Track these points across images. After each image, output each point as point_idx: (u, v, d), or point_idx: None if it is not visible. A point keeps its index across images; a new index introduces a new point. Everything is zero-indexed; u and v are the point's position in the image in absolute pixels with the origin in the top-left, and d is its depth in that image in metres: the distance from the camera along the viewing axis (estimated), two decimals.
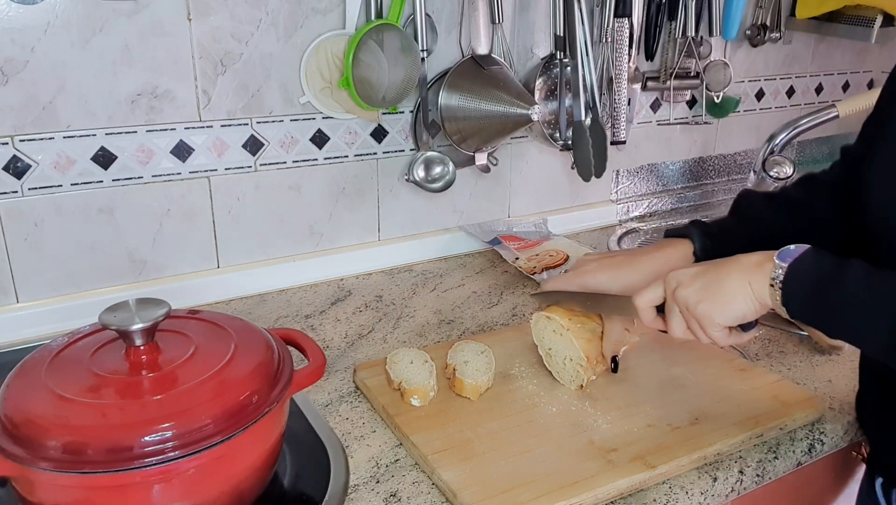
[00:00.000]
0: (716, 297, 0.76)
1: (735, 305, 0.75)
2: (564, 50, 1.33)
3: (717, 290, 0.76)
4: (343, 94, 1.19)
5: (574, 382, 0.92)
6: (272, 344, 0.74)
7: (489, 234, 1.41)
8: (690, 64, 1.58)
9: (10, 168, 1.02)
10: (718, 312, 0.76)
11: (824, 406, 0.92)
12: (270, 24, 1.13)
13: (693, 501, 0.79)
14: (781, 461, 0.86)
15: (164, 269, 1.16)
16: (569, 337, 0.90)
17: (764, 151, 1.52)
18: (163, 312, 0.69)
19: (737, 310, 0.75)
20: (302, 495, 0.76)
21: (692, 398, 0.91)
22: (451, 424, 0.85)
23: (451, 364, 0.93)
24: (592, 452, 0.81)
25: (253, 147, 1.18)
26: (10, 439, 0.61)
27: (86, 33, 1.01)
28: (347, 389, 0.96)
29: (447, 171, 1.30)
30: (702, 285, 0.77)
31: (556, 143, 1.40)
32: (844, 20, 1.66)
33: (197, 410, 0.63)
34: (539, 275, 1.29)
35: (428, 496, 0.77)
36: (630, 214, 1.64)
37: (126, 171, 1.09)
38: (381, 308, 1.20)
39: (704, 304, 0.76)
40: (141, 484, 0.62)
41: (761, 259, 0.74)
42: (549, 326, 0.93)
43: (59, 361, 0.69)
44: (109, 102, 1.05)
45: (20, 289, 1.07)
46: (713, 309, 0.76)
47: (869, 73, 1.97)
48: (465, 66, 1.27)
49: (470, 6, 1.27)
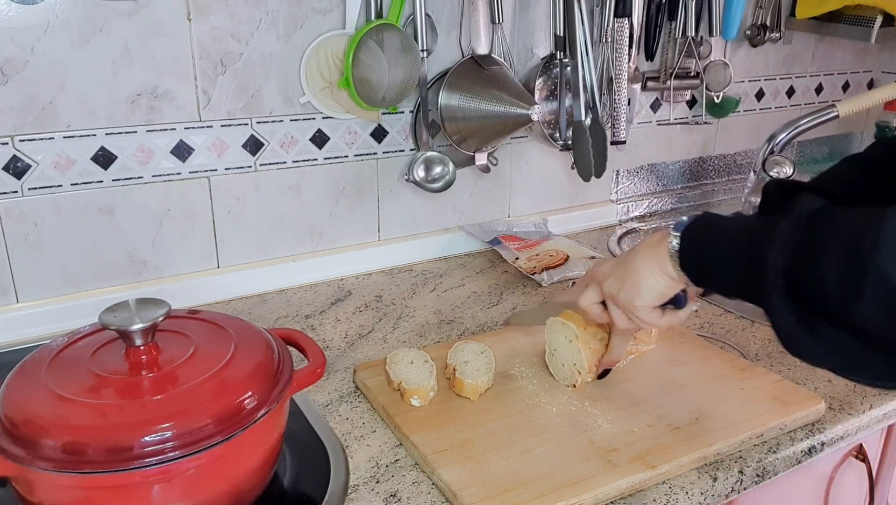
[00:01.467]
0: (630, 282, 0.79)
1: (647, 285, 0.77)
2: (564, 50, 1.33)
3: (629, 275, 0.79)
4: (343, 94, 1.19)
5: (568, 380, 0.93)
6: (272, 344, 0.74)
7: (489, 234, 1.41)
8: (690, 64, 1.58)
9: (10, 168, 1.02)
10: (636, 296, 0.79)
11: (824, 406, 0.92)
12: (270, 24, 1.13)
13: (693, 501, 0.79)
14: (781, 461, 0.86)
15: (164, 269, 1.16)
16: (577, 346, 0.91)
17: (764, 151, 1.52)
18: (163, 312, 0.69)
19: (650, 289, 0.77)
20: (302, 495, 0.76)
21: (692, 398, 0.91)
22: (451, 424, 0.85)
23: (451, 364, 0.93)
24: (592, 452, 0.81)
25: (253, 147, 1.18)
26: (10, 439, 0.61)
27: (86, 33, 1.01)
28: (347, 389, 0.96)
29: (447, 171, 1.30)
30: (618, 274, 0.81)
31: (556, 143, 1.40)
32: (844, 20, 1.66)
33: (197, 410, 0.63)
34: (539, 275, 1.29)
35: (428, 496, 0.77)
36: (630, 214, 1.64)
37: (126, 171, 1.10)
38: (381, 308, 1.20)
39: (623, 291, 0.80)
40: (141, 484, 0.62)
41: (662, 235, 0.76)
42: (563, 331, 0.94)
43: (59, 361, 0.69)
44: (109, 102, 1.05)
45: (20, 289, 1.07)
46: (630, 294, 0.79)
47: (869, 73, 1.98)
48: (465, 66, 1.27)
49: (470, 6, 1.27)
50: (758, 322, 1.14)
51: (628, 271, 0.79)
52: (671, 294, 0.79)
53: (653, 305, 0.79)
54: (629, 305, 0.80)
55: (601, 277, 0.84)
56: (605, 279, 0.83)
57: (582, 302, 0.87)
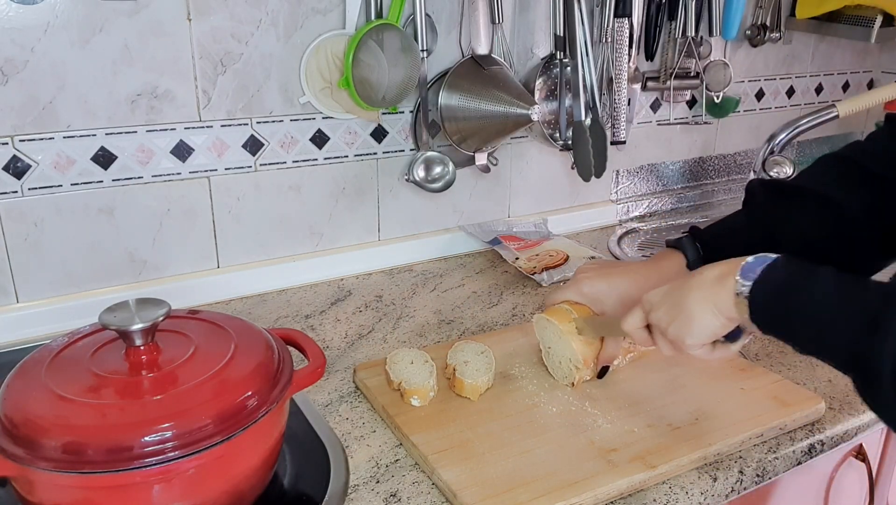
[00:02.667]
0: (682, 318, 0.75)
1: (701, 325, 0.74)
2: (564, 50, 1.33)
3: (681, 310, 0.75)
4: (343, 94, 1.19)
5: (567, 379, 0.93)
6: (272, 344, 0.74)
7: (489, 234, 1.41)
8: (690, 64, 1.58)
9: (10, 168, 1.02)
10: (687, 333, 0.75)
11: (824, 406, 0.92)
12: (270, 24, 1.13)
13: (693, 501, 0.79)
14: (781, 461, 0.86)
15: (164, 269, 1.16)
16: (567, 340, 0.90)
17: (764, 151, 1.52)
18: (163, 312, 0.69)
19: (704, 329, 0.74)
20: (302, 495, 0.76)
21: (692, 398, 0.91)
22: (451, 425, 0.85)
23: (451, 364, 0.93)
24: (592, 452, 0.81)
25: (253, 147, 1.18)
26: (10, 439, 0.61)
27: (86, 33, 1.01)
28: (347, 389, 0.96)
29: (447, 171, 1.30)
30: (669, 307, 0.77)
31: (556, 143, 1.40)
32: (844, 20, 1.66)
33: (197, 410, 0.63)
34: (539, 275, 1.29)
35: (428, 496, 0.77)
36: (630, 214, 1.64)
37: (126, 171, 1.10)
38: (381, 308, 1.20)
39: (673, 325, 0.76)
40: (141, 484, 0.62)
41: (722, 273, 0.72)
42: (549, 327, 0.94)
43: (59, 361, 0.69)
44: (109, 102, 1.05)
45: (20, 289, 1.07)
46: (682, 330, 0.75)
47: (869, 73, 1.98)
48: (465, 66, 1.27)
49: (470, 6, 1.27)
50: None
51: (681, 308, 0.75)
52: (724, 333, 0.75)
53: (704, 344, 0.76)
54: (678, 340, 0.76)
55: (648, 305, 0.80)
56: (652, 309, 0.79)
57: (626, 326, 0.83)
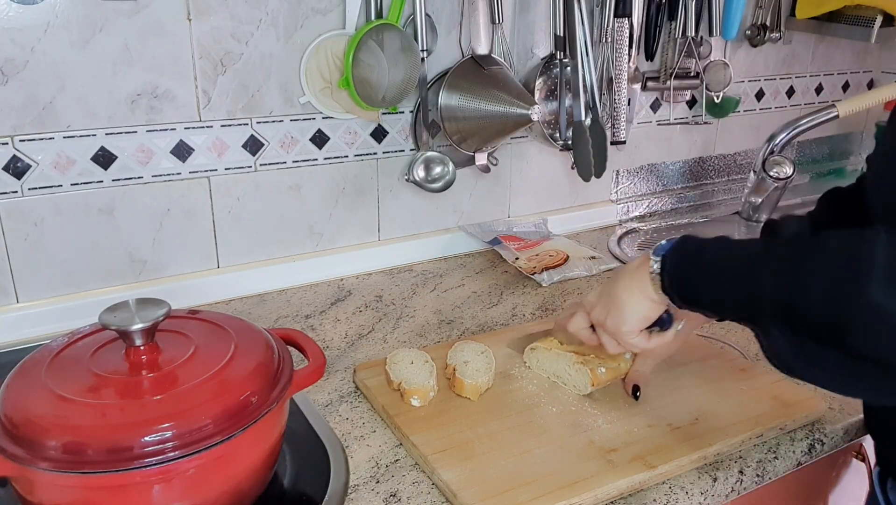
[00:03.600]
0: (615, 308, 0.82)
1: (630, 310, 0.80)
2: (564, 50, 1.33)
3: (612, 301, 0.82)
4: (343, 94, 1.19)
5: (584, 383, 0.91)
6: (272, 344, 0.74)
7: (489, 234, 1.41)
8: (690, 64, 1.58)
9: (10, 168, 1.02)
10: (621, 321, 0.81)
11: (824, 406, 0.92)
12: (270, 24, 1.13)
13: (693, 501, 0.79)
14: (781, 461, 0.86)
15: (164, 269, 1.16)
16: (555, 352, 0.94)
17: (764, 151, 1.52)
18: (163, 312, 0.69)
19: (634, 313, 0.80)
20: (302, 495, 0.76)
21: (692, 398, 0.91)
22: (451, 425, 0.85)
23: (451, 364, 0.93)
24: (592, 452, 0.81)
25: (253, 147, 1.18)
26: (10, 439, 0.61)
27: (86, 33, 1.01)
28: (347, 389, 0.96)
29: (447, 171, 1.30)
30: (604, 302, 0.84)
31: (556, 143, 1.40)
32: (844, 20, 1.66)
33: (197, 410, 0.63)
34: (539, 275, 1.29)
35: (428, 496, 0.77)
36: (630, 214, 1.64)
37: (126, 171, 1.10)
38: (381, 308, 1.20)
39: (609, 318, 0.83)
40: (141, 484, 0.62)
41: (642, 259, 0.79)
42: (535, 355, 0.97)
43: (59, 361, 0.69)
44: (109, 102, 1.05)
45: (20, 289, 1.07)
46: (616, 320, 0.82)
47: (869, 73, 1.98)
48: (465, 66, 1.27)
49: (470, 6, 1.27)
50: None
51: (612, 299, 0.82)
52: (654, 317, 0.81)
53: (638, 329, 0.82)
54: (616, 330, 0.82)
55: (588, 305, 0.87)
56: (592, 308, 0.86)
57: (571, 327, 0.90)
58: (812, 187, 1.85)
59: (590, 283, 1.30)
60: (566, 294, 1.25)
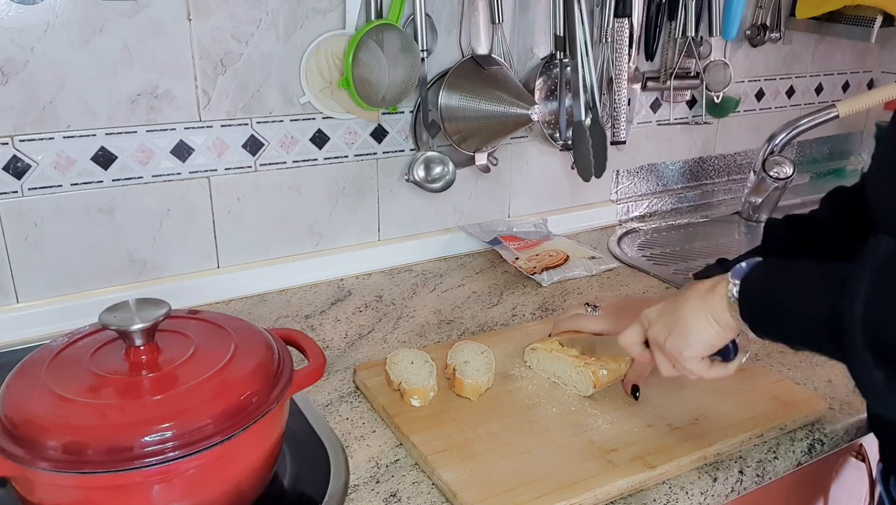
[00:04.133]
0: (678, 330, 0.75)
1: (697, 334, 0.74)
2: (564, 50, 1.33)
3: (677, 322, 0.75)
4: (343, 94, 1.19)
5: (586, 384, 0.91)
6: (272, 344, 0.74)
7: (489, 234, 1.41)
8: (690, 64, 1.58)
9: (10, 168, 1.02)
10: (684, 344, 0.75)
11: (824, 406, 0.92)
12: (270, 24, 1.13)
13: (693, 501, 0.79)
14: (781, 461, 0.86)
15: (164, 269, 1.16)
16: (556, 355, 0.93)
17: (764, 151, 1.53)
18: (163, 312, 0.69)
19: (700, 339, 0.74)
20: (302, 495, 0.76)
21: (692, 398, 0.91)
22: (451, 425, 0.85)
23: (451, 364, 0.93)
24: (592, 453, 0.81)
25: (253, 147, 1.18)
26: (10, 439, 0.61)
27: (86, 33, 1.01)
28: (347, 389, 0.96)
29: (447, 171, 1.30)
30: (666, 321, 0.77)
31: (556, 143, 1.40)
32: (844, 20, 1.66)
33: (197, 410, 0.63)
34: (539, 275, 1.29)
35: (428, 496, 0.77)
36: (630, 214, 1.64)
37: (126, 171, 1.10)
38: (381, 308, 1.20)
39: (671, 339, 0.76)
40: (141, 484, 0.62)
41: (715, 281, 0.73)
42: (536, 355, 0.96)
43: (59, 361, 0.69)
44: (109, 102, 1.05)
45: (20, 289, 1.07)
46: (679, 343, 0.75)
47: (869, 73, 1.98)
48: (465, 66, 1.27)
49: (470, 6, 1.27)
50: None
51: (677, 320, 0.75)
52: (720, 345, 0.75)
53: (700, 356, 0.76)
54: (677, 353, 0.76)
55: (646, 321, 0.80)
56: (651, 324, 0.79)
57: (622, 340, 0.83)
58: (812, 187, 1.85)
59: (590, 283, 1.30)
60: (566, 294, 1.25)
